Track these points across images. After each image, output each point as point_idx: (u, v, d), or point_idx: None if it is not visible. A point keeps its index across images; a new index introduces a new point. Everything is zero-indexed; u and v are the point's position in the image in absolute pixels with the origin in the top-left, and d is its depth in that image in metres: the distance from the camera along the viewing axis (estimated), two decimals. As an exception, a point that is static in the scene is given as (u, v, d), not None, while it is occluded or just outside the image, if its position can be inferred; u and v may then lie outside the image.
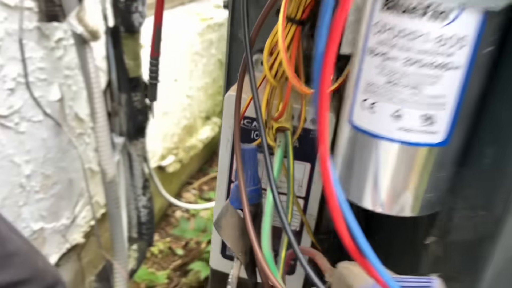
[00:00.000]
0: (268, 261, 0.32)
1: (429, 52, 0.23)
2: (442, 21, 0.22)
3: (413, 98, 0.24)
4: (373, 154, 0.27)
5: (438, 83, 0.24)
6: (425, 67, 0.23)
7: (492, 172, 0.27)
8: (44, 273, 0.60)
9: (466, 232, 0.29)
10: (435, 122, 0.25)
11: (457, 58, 0.23)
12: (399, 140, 0.25)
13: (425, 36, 0.23)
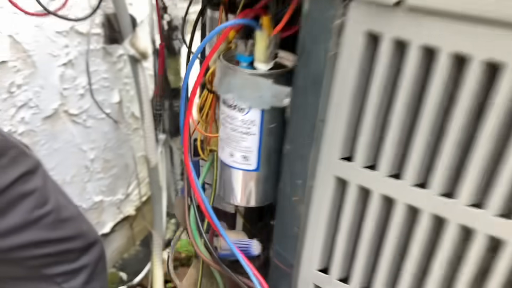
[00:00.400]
0: (193, 232, 0.52)
1: (240, 126, 0.42)
2: (242, 112, 0.41)
3: (237, 147, 0.43)
4: (228, 174, 0.46)
5: (247, 141, 0.42)
6: (239, 133, 0.42)
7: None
8: (87, 234, 0.86)
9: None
10: (249, 159, 0.44)
11: (252, 130, 0.42)
12: (234, 167, 0.45)
13: (237, 119, 0.42)
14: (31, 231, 0.75)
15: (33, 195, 0.75)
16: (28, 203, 0.74)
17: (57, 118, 1.06)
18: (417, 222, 0.35)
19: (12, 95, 0.94)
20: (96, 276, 0.87)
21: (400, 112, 0.33)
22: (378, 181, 0.36)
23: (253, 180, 0.46)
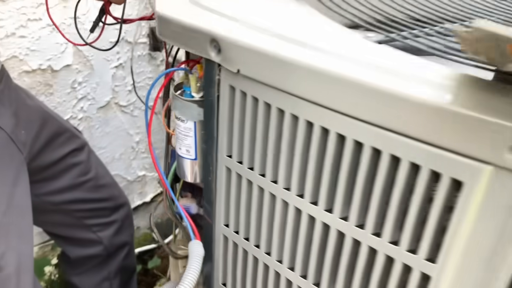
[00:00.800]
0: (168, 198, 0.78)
1: (183, 131, 0.66)
2: (184, 123, 0.65)
3: (182, 144, 0.68)
4: (181, 162, 0.71)
5: (187, 140, 0.67)
6: (183, 135, 0.67)
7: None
8: (117, 198, 1.14)
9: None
10: (190, 152, 0.68)
11: (190, 133, 0.66)
12: (183, 157, 0.69)
13: (181, 126, 0.66)
14: (76, 191, 1.05)
15: (79, 166, 1.04)
16: (75, 171, 1.04)
17: (109, 108, 1.36)
18: (282, 209, 0.57)
19: (74, 90, 1.25)
20: (123, 230, 1.16)
21: (250, 127, 0.55)
22: (247, 172, 0.58)
23: (195, 166, 0.70)
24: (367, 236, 0.48)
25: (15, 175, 0.85)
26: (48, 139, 0.97)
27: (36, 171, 0.96)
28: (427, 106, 0.39)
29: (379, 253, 0.48)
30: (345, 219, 0.50)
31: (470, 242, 0.42)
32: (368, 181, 0.47)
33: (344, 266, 0.52)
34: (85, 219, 1.08)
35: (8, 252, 0.79)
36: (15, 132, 0.86)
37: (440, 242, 0.43)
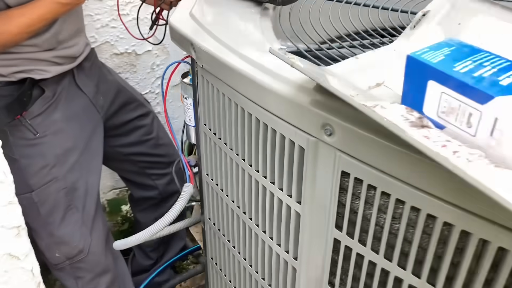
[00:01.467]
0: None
1: (186, 105, 0.94)
2: (187, 99, 0.93)
3: (187, 114, 0.95)
4: (187, 128, 0.98)
5: (190, 112, 0.94)
6: (187, 108, 0.94)
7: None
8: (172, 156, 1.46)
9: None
10: (192, 121, 0.95)
11: (190, 107, 0.93)
12: (188, 125, 0.97)
13: (185, 101, 0.94)
14: (141, 146, 1.39)
15: (144, 128, 1.38)
16: (140, 131, 1.38)
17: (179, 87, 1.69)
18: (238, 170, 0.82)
19: (153, 70, 1.59)
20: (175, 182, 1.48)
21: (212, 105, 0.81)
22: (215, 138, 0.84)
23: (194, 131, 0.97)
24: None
25: (93, 128, 1.21)
26: (121, 105, 1.31)
27: (111, 128, 1.31)
28: (283, 97, 0.62)
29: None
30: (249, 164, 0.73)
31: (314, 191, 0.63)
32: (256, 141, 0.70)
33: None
34: (146, 169, 1.43)
35: (80, 180, 1.14)
36: (95, 97, 1.21)
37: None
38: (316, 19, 0.82)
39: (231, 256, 0.93)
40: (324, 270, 0.69)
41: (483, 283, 0.50)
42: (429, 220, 0.52)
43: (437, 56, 0.49)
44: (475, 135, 0.45)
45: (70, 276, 1.13)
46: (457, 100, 0.46)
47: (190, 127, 0.97)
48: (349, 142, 0.56)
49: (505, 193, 0.36)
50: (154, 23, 1.13)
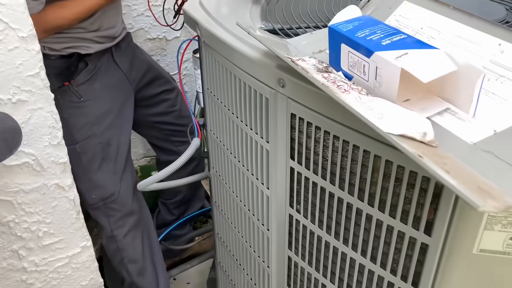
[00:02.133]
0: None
1: (197, 76, 1.17)
2: (196, 70, 1.16)
3: (197, 83, 1.19)
4: (198, 94, 1.22)
5: (199, 81, 1.17)
6: (197, 78, 1.18)
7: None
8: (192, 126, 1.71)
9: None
10: (200, 88, 1.19)
11: (199, 77, 1.16)
12: (199, 91, 1.20)
13: (196, 72, 1.17)
14: (166, 116, 1.65)
15: (169, 101, 1.64)
16: (166, 104, 1.64)
17: (204, 69, 1.93)
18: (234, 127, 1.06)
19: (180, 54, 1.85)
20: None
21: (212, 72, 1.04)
22: (215, 99, 1.07)
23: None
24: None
25: (125, 97, 1.47)
26: (150, 80, 1.57)
27: (141, 99, 1.57)
28: (254, 61, 0.84)
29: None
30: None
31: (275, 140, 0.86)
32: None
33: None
34: (170, 136, 1.68)
35: (113, 138, 1.41)
36: (129, 72, 1.48)
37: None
38: (296, 7, 1.04)
39: (228, 196, 1.16)
40: (286, 195, 0.91)
41: (380, 190, 0.71)
42: (355, 150, 0.73)
43: (348, 26, 0.70)
44: (368, 80, 0.67)
45: (103, 214, 1.39)
46: (356, 56, 0.67)
47: (199, 93, 1.21)
48: (295, 91, 0.78)
49: (355, 105, 0.57)
50: (177, 13, 1.38)
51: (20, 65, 0.96)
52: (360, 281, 0.83)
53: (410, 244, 0.72)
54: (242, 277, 1.23)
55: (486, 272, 0.67)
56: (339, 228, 0.82)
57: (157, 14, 1.70)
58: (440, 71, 0.58)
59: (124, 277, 1.47)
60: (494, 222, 0.63)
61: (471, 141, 0.59)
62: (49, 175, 1.10)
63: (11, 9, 0.91)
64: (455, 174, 0.48)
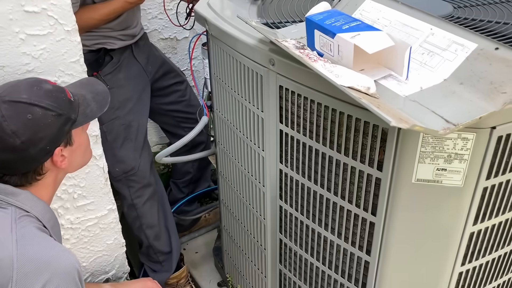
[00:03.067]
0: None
1: (206, 64, 1.42)
2: (205, 59, 1.41)
3: (205, 71, 1.43)
4: (206, 80, 1.46)
5: (207, 68, 1.42)
6: (205, 66, 1.42)
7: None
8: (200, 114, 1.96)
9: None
10: (208, 75, 1.43)
11: (207, 65, 1.41)
12: (206, 78, 1.45)
13: (204, 61, 1.42)
14: (177, 105, 1.89)
15: (179, 91, 1.88)
16: (177, 94, 1.88)
17: (210, 66, 2.18)
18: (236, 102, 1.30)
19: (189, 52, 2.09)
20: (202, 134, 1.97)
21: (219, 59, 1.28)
22: (221, 82, 1.31)
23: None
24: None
25: (143, 86, 1.72)
26: (163, 73, 1.82)
27: (156, 90, 1.82)
28: (250, 46, 1.08)
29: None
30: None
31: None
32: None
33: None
34: (181, 123, 1.92)
35: (134, 120, 1.65)
36: (146, 66, 1.73)
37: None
38: (285, 6, 1.29)
39: (231, 163, 1.40)
40: (277, 154, 1.14)
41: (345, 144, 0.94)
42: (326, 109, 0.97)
43: (319, 17, 0.94)
44: (333, 56, 0.91)
45: (125, 185, 1.63)
46: (325, 38, 0.91)
47: (207, 79, 1.45)
48: (282, 68, 1.02)
49: (321, 69, 0.81)
50: (188, 15, 1.63)
51: (65, 53, 1.21)
52: (334, 219, 1.06)
53: (369, 182, 0.95)
54: (243, 233, 1.46)
55: (422, 196, 0.91)
56: (317, 176, 1.06)
57: (171, 16, 1.95)
58: (381, 45, 0.82)
59: (142, 240, 1.70)
60: (425, 157, 0.86)
61: (403, 94, 0.82)
62: (85, 145, 1.34)
63: (60, 8, 1.15)
64: (383, 109, 0.72)
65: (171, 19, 1.69)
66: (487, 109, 0.76)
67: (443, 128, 0.72)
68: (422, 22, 0.94)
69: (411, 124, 0.68)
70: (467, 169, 0.86)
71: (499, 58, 0.81)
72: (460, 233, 0.95)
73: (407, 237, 0.96)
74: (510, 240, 1.02)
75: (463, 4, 1.25)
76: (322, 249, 1.14)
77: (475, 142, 0.83)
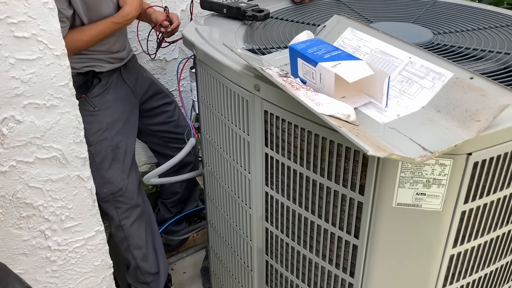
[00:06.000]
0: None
1: (193, 86, 1.44)
2: (193, 82, 1.44)
3: (192, 93, 1.46)
4: (194, 103, 1.48)
5: (195, 91, 1.44)
6: (193, 88, 1.45)
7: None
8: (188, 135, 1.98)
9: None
10: (193, 94, 1.45)
11: (194, 88, 1.43)
12: (194, 100, 1.47)
13: (192, 84, 1.44)
14: (165, 126, 1.91)
15: (168, 112, 1.90)
16: (166, 115, 1.90)
17: (199, 86, 2.21)
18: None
19: (178, 73, 2.12)
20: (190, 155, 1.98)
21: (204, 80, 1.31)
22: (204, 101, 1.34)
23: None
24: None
25: (132, 108, 1.74)
26: (152, 95, 1.84)
27: (144, 110, 1.84)
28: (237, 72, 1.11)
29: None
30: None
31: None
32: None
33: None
34: (169, 143, 1.94)
35: (122, 141, 1.67)
36: (134, 87, 1.75)
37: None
38: (271, 32, 1.33)
39: (218, 185, 1.42)
40: (263, 177, 1.17)
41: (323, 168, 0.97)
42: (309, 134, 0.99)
43: (302, 46, 0.97)
44: (316, 84, 0.93)
45: (112, 206, 1.63)
46: (308, 66, 0.94)
47: (195, 102, 1.48)
48: (267, 93, 1.04)
49: (302, 97, 0.84)
50: (158, 46, 1.67)
51: (54, 77, 1.22)
52: (319, 241, 1.08)
53: (351, 205, 0.97)
54: (229, 254, 1.47)
55: (402, 220, 0.93)
56: (301, 198, 1.08)
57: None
58: (361, 74, 0.85)
59: (129, 261, 1.70)
60: (404, 182, 0.89)
61: (383, 122, 0.85)
62: (72, 167, 1.35)
63: (50, 33, 1.17)
64: (362, 137, 0.74)
65: (141, 43, 1.73)
66: (463, 136, 0.79)
67: (420, 156, 0.75)
68: (401, 50, 0.98)
69: (389, 153, 0.71)
70: (446, 194, 0.89)
71: (473, 87, 0.84)
72: (441, 255, 0.97)
73: (389, 259, 0.98)
74: (490, 261, 1.05)
75: (442, 30, 1.29)
76: (307, 270, 1.15)
77: (452, 168, 0.86)
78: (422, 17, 1.42)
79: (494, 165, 0.89)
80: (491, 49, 1.14)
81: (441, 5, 1.54)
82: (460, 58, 1.09)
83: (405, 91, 0.92)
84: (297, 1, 1.55)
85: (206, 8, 1.46)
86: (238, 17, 1.39)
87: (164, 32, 1.64)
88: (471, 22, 1.37)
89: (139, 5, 1.54)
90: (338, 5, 1.56)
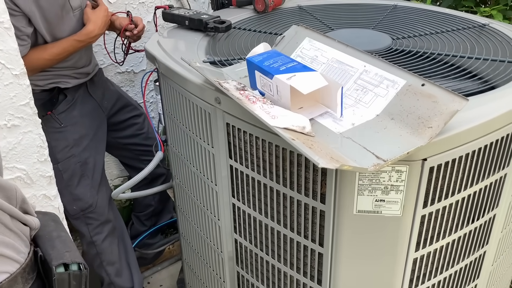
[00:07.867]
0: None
1: (158, 100, 1.44)
2: (157, 95, 1.43)
3: (158, 106, 1.45)
4: (160, 116, 1.48)
5: (160, 104, 1.44)
6: (158, 101, 1.44)
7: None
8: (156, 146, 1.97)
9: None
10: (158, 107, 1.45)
11: (160, 101, 1.43)
12: (160, 113, 1.47)
13: (157, 98, 1.44)
14: (135, 138, 1.90)
15: (137, 125, 1.89)
16: (135, 127, 1.89)
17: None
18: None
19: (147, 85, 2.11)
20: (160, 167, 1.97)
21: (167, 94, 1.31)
22: (172, 117, 1.33)
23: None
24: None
25: (99, 123, 1.72)
26: (120, 108, 1.83)
27: (113, 124, 1.82)
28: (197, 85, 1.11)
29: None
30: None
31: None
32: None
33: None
34: (139, 155, 1.93)
35: (90, 157, 1.65)
36: (101, 102, 1.73)
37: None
38: (232, 44, 1.33)
39: (188, 198, 1.41)
40: (229, 189, 1.17)
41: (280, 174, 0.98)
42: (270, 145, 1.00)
43: (259, 58, 0.98)
44: (273, 95, 0.94)
45: (83, 223, 1.62)
46: (265, 79, 0.95)
47: (161, 115, 1.47)
48: (227, 106, 1.05)
49: (258, 111, 0.84)
50: (126, 53, 1.66)
51: (14, 97, 1.21)
52: (286, 250, 1.09)
53: (314, 214, 0.98)
54: (202, 266, 1.47)
55: (364, 226, 0.94)
56: (267, 208, 1.08)
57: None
58: (315, 86, 0.87)
59: (103, 278, 1.68)
60: (363, 189, 0.90)
61: (338, 132, 0.87)
62: (38, 186, 1.33)
63: (7, 53, 1.16)
64: (316, 148, 0.75)
65: (110, 55, 1.72)
66: (415, 143, 0.81)
67: (373, 165, 0.76)
68: (356, 59, 0.99)
69: (340, 164, 0.72)
70: (404, 199, 0.90)
71: (425, 94, 0.86)
72: (404, 259, 0.98)
73: (354, 266, 0.99)
74: (454, 262, 1.07)
75: (401, 35, 1.32)
76: (277, 279, 1.16)
77: (409, 174, 0.88)
78: (382, 23, 1.45)
79: (450, 169, 0.91)
80: (447, 53, 1.17)
81: (401, 10, 1.57)
82: (416, 62, 1.12)
83: (361, 100, 0.93)
84: (260, 11, 1.56)
85: (168, 21, 1.46)
86: (201, 29, 1.39)
87: (130, 36, 1.63)
88: (429, 26, 1.40)
89: (104, 24, 1.53)
90: (301, 13, 1.58)
